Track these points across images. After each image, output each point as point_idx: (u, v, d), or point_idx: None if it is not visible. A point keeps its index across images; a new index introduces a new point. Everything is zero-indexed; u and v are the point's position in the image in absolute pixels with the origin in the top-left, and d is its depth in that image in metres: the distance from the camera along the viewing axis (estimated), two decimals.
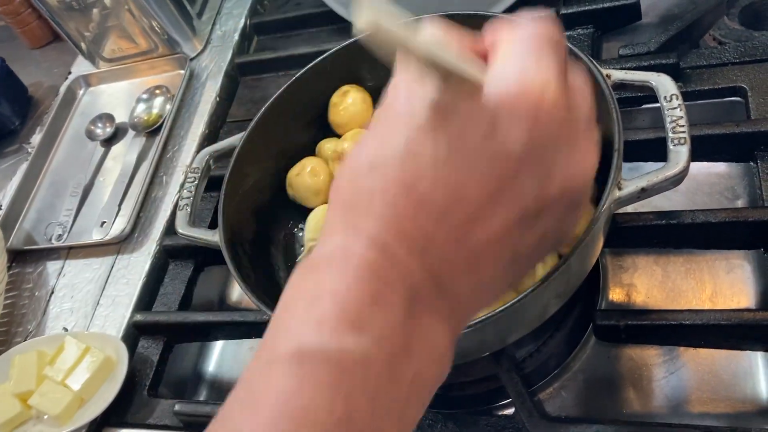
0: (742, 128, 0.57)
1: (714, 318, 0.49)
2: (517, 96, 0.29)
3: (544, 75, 0.29)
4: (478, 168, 0.29)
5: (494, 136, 0.29)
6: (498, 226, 0.30)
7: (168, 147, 0.84)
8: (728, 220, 0.53)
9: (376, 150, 0.31)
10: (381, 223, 0.29)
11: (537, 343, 0.58)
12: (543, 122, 0.29)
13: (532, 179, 0.30)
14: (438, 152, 0.29)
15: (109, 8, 0.88)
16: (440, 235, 0.30)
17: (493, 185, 0.30)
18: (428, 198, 0.29)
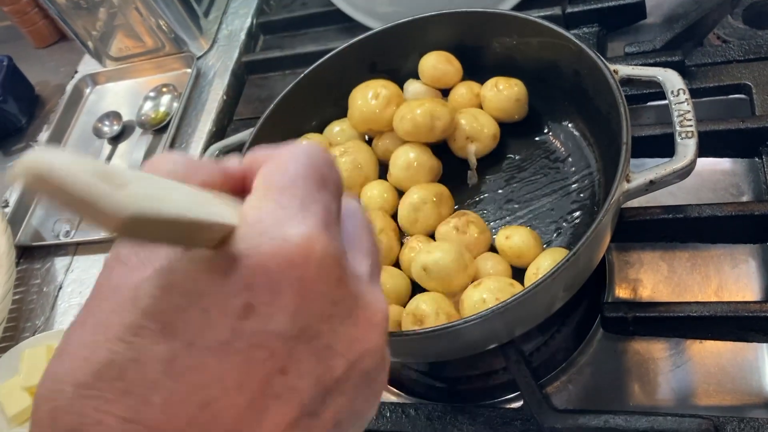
0: (747, 124, 0.58)
1: (721, 310, 0.50)
2: (275, 257, 0.22)
3: (309, 225, 0.23)
4: (232, 365, 0.22)
5: (248, 315, 0.22)
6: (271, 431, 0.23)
7: (175, 144, 0.84)
8: (734, 213, 0.54)
9: (85, 359, 0.21)
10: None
11: (544, 338, 0.58)
12: (311, 289, 0.22)
13: (307, 363, 0.23)
14: (173, 353, 0.21)
15: (116, 7, 0.89)
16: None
17: (256, 385, 0.22)
18: (164, 425, 0.21)
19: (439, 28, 0.65)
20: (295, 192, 0.23)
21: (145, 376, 0.21)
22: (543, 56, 0.61)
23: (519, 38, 0.61)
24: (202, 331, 0.21)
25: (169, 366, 0.21)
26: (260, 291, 0.22)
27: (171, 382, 0.21)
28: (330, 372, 0.24)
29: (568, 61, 0.58)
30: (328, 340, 0.23)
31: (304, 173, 0.24)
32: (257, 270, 0.22)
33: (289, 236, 0.22)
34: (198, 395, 0.21)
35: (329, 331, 0.23)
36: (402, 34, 0.65)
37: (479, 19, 0.63)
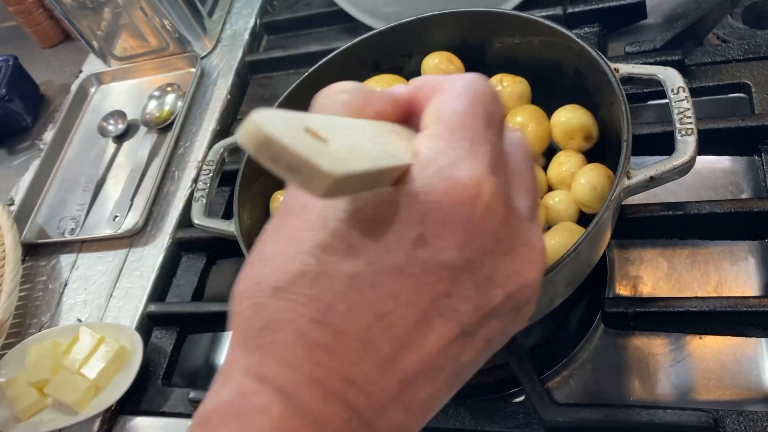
0: (746, 122, 0.58)
1: (720, 305, 0.50)
2: (446, 195, 0.24)
3: (478, 168, 0.25)
4: (405, 286, 0.24)
5: (421, 245, 0.24)
6: (433, 348, 0.25)
7: (180, 143, 0.85)
8: (734, 210, 0.54)
9: (280, 267, 0.25)
10: (288, 364, 0.24)
11: (545, 334, 0.59)
12: (478, 226, 0.25)
13: (469, 290, 0.26)
14: (356, 271, 0.24)
15: (121, 7, 0.90)
16: (363, 370, 0.24)
17: (424, 304, 0.25)
18: (346, 328, 0.24)
19: (441, 28, 0.65)
20: (465, 132, 0.26)
21: (331, 287, 0.24)
22: (544, 55, 0.61)
23: (521, 37, 0.62)
24: (381, 255, 0.24)
25: (353, 281, 0.24)
26: (433, 225, 0.24)
27: (353, 294, 0.24)
28: (488, 300, 0.26)
29: (569, 60, 0.59)
30: (489, 272, 0.26)
31: (473, 111, 0.26)
32: (431, 206, 0.24)
33: (461, 177, 0.25)
34: (375, 307, 0.24)
35: (491, 265, 0.26)
36: (404, 34, 0.66)
37: (481, 19, 0.63)
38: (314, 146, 0.21)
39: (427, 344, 0.25)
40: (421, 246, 0.25)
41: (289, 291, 0.24)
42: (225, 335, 0.74)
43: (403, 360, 0.25)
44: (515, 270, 0.27)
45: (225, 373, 0.26)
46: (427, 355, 0.25)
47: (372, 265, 0.24)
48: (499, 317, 0.27)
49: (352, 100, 0.27)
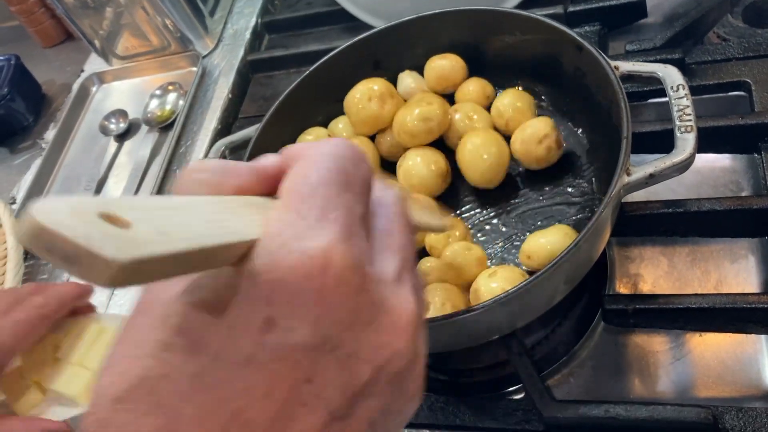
0: (746, 120, 0.59)
1: (720, 301, 0.50)
2: (293, 271, 0.22)
3: (328, 236, 0.23)
4: (259, 377, 0.22)
5: (271, 329, 0.22)
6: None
7: (181, 142, 0.85)
8: (733, 208, 0.54)
9: (122, 374, 0.22)
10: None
11: (546, 331, 0.59)
12: (331, 299, 0.23)
13: (332, 371, 0.23)
14: (202, 367, 0.22)
15: (123, 6, 0.90)
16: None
17: (282, 394, 0.23)
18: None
19: (441, 26, 0.65)
20: (315, 200, 0.24)
21: (176, 390, 0.22)
22: (545, 53, 0.61)
23: (521, 36, 0.62)
24: (226, 347, 0.22)
25: (198, 380, 0.22)
26: (280, 305, 0.22)
27: (201, 395, 0.22)
28: (356, 378, 0.24)
29: (569, 58, 0.59)
30: (351, 348, 0.24)
31: (328, 178, 0.24)
32: (277, 284, 0.22)
33: (307, 249, 0.23)
34: (228, 406, 0.22)
35: (351, 340, 0.24)
36: (404, 33, 0.66)
37: (482, 17, 0.64)
38: (100, 232, 0.18)
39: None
40: (269, 330, 0.22)
41: (129, 401, 0.22)
42: None
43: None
44: (380, 341, 0.24)
45: None
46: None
47: (218, 360, 0.22)
48: (375, 395, 0.25)
49: (209, 179, 0.25)
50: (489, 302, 0.46)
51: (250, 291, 0.23)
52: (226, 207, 0.24)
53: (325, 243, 0.23)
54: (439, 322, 0.47)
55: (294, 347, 0.23)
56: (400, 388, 0.26)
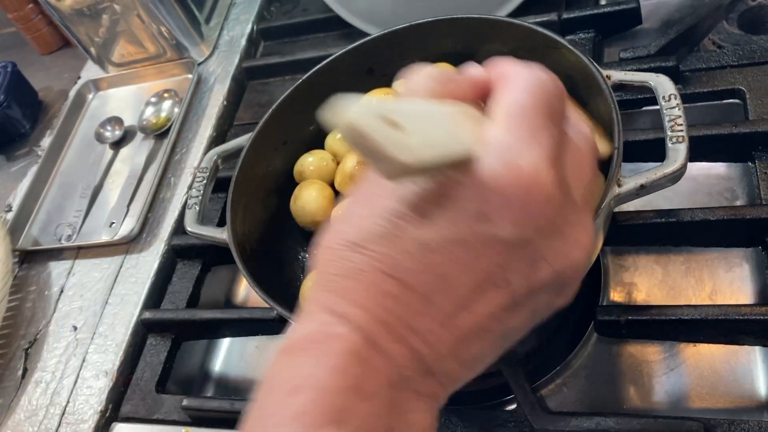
0: (740, 129, 0.58)
1: (712, 313, 0.50)
2: (508, 180, 0.28)
3: (538, 157, 0.28)
4: (466, 255, 0.28)
5: (484, 221, 0.28)
6: (485, 311, 0.29)
7: (176, 149, 0.85)
8: (726, 218, 0.54)
9: (361, 227, 0.29)
10: (362, 307, 0.28)
11: (540, 340, 0.59)
12: (534, 209, 0.28)
13: (522, 265, 0.29)
14: (425, 237, 0.28)
15: (118, 14, 0.90)
16: (425, 321, 0.29)
17: (481, 273, 0.29)
18: (413, 283, 0.28)
19: (435, 35, 0.65)
20: (528, 125, 0.29)
21: (402, 248, 0.28)
22: (538, 61, 0.61)
23: (514, 44, 0.62)
24: (447, 226, 0.28)
25: (421, 245, 0.28)
26: (495, 205, 0.28)
27: (420, 256, 0.28)
28: (538, 275, 0.30)
29: (562, 67, 0.58)
30: (541, 251, 0.29)
31: (537, 106, 0.29)
32: (495, 189, 0.28)
33: (522, 165, 0.28)
34: (439, 269, 0.28)
35: (543, 245, 0.29)
36: (398, 40, 0.66)
37: (475, 25, 0.63)
38: (392, 136, 0.24)
39: (481, 307, 0.29)
40: (483, 222, 0.28)
41: (366, 247, 0.29)
42: (219, 343, 0.74)
43: (460, 318, 0.29)
44: (564, 251, 0.30)
45: (307, 311, 0.30)
46: (480, 317, 0.29)
47: (439, 234, 0.28)
48: (545, 292, 0.31)
49: (436, 87, 0.31)
50: None
51: (473, 190, 0.28)
52: (454, 119, 0.29)
53: (537, 163, 0.28)
54: None
55: (498, 238, 0.28)
56: (562, 291, 0.32)
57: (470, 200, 0.28)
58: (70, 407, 0.68)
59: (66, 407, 0.68)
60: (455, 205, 0.28)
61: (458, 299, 0.29)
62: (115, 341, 0.70)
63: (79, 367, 0.70)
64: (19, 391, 0.71)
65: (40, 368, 0.72)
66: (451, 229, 0.28)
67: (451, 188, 0.29)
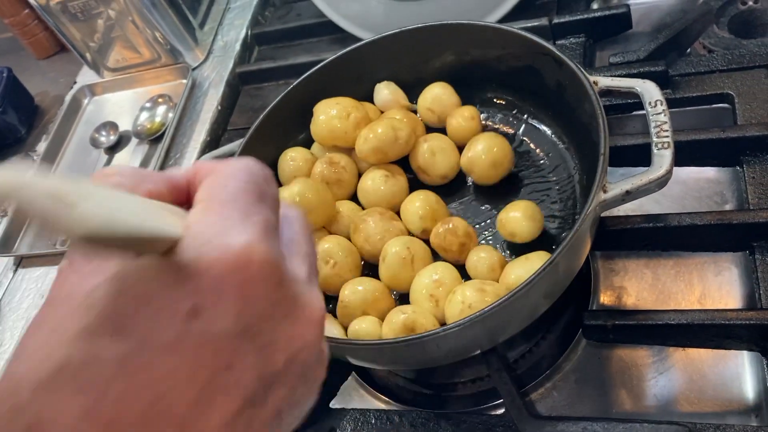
0: (727, 133, 0.58)
1: (698, 318, 0.50)
2: (219, 263, 0.24)
3: (249, 235, 0.25)
4: (182, 362, 0.23)
5: (195, 317, 0.23)
6: (217, 425, 0.24)
7: (170, 154, 0.86)
8: (713, 222, 0.54)
9: (42, 360, 0.22)
10: None
11: (529, 345, 0.59)
12: (253, 291, 0.24)
13: (250, 358, 0.25)
14: (127, 352, 0.23)
15: (113, 19, 0.91)
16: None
17: (202, 381, 0.24)
18: (118, 418, 0.22)
19: (425, 40, 0.66)
20: (235, 205, 0.26)
21: (99, 375, 0.22)
22: (527, 67, 0.61)
23: (503, 50, 0.62)
24: (152, 332, 0.23)
25: (123, 364, 0.22)
26: (205, 295, 0.24)
27: (124, 379, 0.22)
28: (271, 366, 0.26)
29: (551, 72, 0.59)
30: (269, 337, 0.25)
31: (245, 188, 0.26)
32: (203, 276, 0.24)
33: (232, 244, 0.24)
34: (150, 390, 0.23)
35: (270, 330, 0.25)
36: (388, 46, 0.66)
37: (464, 32, 0.64)
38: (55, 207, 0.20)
39: (211, 422, 0.24)
40: (194, 318, 0.23)
41: (50, 387, 0.22)
42: None
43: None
44: (295, 332, 0.26)
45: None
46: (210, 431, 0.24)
47: (143, 345, 0.23)
48: (285, 385, 0.26)
49: (124, 182, 0.27)
50: (466, 320, 0.46)
51: (177, 281, 0.24)
52: (151, 206, 0.26)
53: (247, 240, 0.24)
54: (417, 340, 0.47)
55: (217, 335, 0.24)
56: (306, 379, 0.28)
57: (175, 294, 0.23)
58: None
59: None
60: (159, 305, 0.23)
61: (181, 421, 0.23)
62: None
63: None
64: None
65: None
66: (157, 335, 0.23)
67: (151, 285, 0.24)
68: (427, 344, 0.48)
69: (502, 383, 0.52)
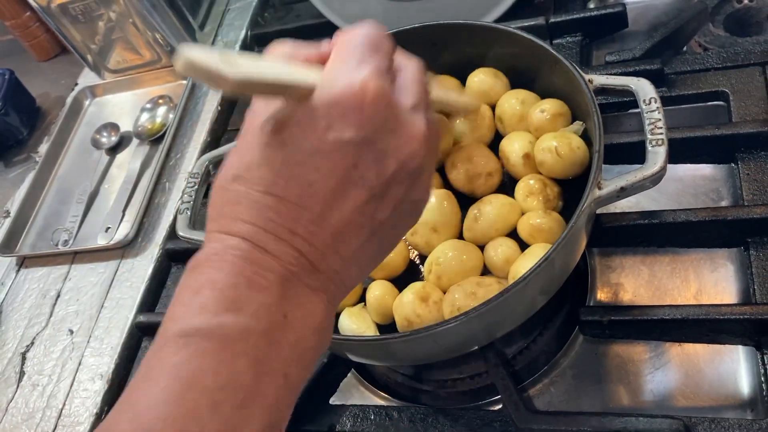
0: (722, 131, 0.59)
1: (693, 313, 0.51)
2: (342, 95, 0.34)
3: (364, 73, 0.34)
4: (323, 162, 0.34)
5: (329, 130, 0.34)
6: (351, 207, 0.35)
7: (171, 155, 0.86)
8: (708, 218, 0.55)
9: (238, 163, 0.35)
10: (249, 222, 0.34)
11: (527, 341, 0.60)
12: (368, 113, 0.34)
13: (370, 160, 0.35)
14: (288, 154, 0.34)
15: (113, 21, 0.91)
16: (302, 224, 0.34)
17: (338, 174, 0.34)
18: (287, 195, 0.34)
19: (422, 40, 0.66)
20: (354, 55, 0.35)
21: (273, 169, 0.34)
22: (523, 66, 0.62)
23: (499, 49, 0.63)
24: (303, 142, 0.34)
25: (286, 162, 0.34)
26: (336, 115, 0.34)
27: (288, 171, 0.34)
28: (386, 168, 0.35)
29: (547, 71, 0.60)
30: (382, 146, 0.35)
31: (361, 42, 0.36)
32: (332, 103, 0.34)
33: (351, 80, 0.34)
34: (305, 178, 0.34)
35: (381, 139, 0.35)
36: None
37: (461, 31, 0.64)
38: (222, 63, 0.30)
39: (346, 204, 0.35)
40: (329, 131, 0.34)
41: (244, 177, 0.35)
42: None
43: (331, 217, 0.35)
44: (402, 144, 0.36)
45: (206, 238, 0.35)
46: (347, 212, 0.35)
47: (298, 150, 0.34)
48: (398, 183, 0.36)
49: (288, 51, 0.37)
50: (462, 316, 0.47)
51: (316, 109, 0.34)
52: (297, 67, 0.36)
53: (363, 76, 0.34)
54: (414, 336, 0.48)
55: (345, 142, 0.34)
56: (415, 182, 0.37)
57: (316, 117, 0.34)
58: (66, 410, 0.69)
59: (62, 410, 0.69)
60: (306, 125, 0.34)
61: (325, 201, 0.34)
62: (111, 344, 0.71)
63: (75, 370, 0.71)
64: (16, 394, 0.72)
65: (36, 371, 0.73)
66: (305, 143, 0.34)
67: (301, 114, 0.34)
68: (424, 340, 0.48)
69: (500, 379, 0.53)
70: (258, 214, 0.34)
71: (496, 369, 0.54)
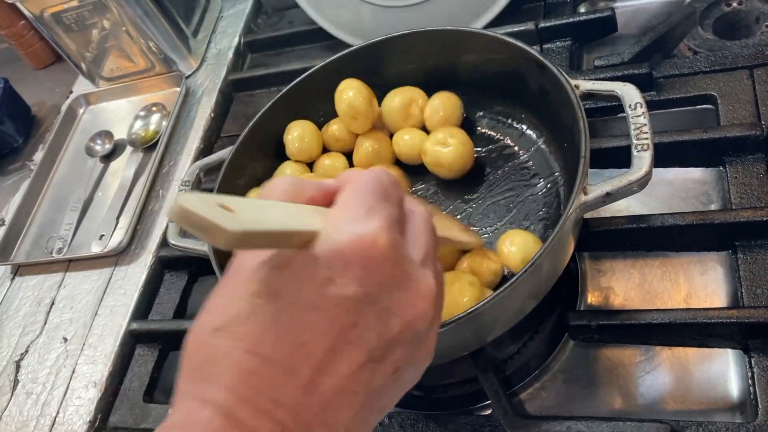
0: (710, 134, 0.59)
1: (681, 317, 0.51)
2: (349, 246, 0.31)
3: (374, 225, 0.32)
4: (320, 318, 0.30)
5: (329, 284, 0.31)
6: (345, 372, 0.31)
7: (164, 162, 0.86)
8: (696, 222, 0.55)
9: (221, 311, 0.31)
10: (226, 388, 0.29)
11: (517, 345, 0.60)
12: (374, 266, 0.31)
13: (372, 319, 0.31)
14: (280, 309, 0.30)
15: (107, 29, 0.92)
16: (288, 391, 0.30)
17: (335, 334, 0.30)
18: (273, 356, 0.29)
19: (411, 46, 0.66)
20: (363, 204, 0.33)
21: (260, 324, 0.30)
22: (511, 72, 0.62)
23: (488, 55, 0.63)
24: (298, 295, 0.30)
25: (277, 318, 0.30)
26: (338, 268, 0.31)
27: (277, 328, 0.30)
28: (389, 328, 0.32)
29: (534, 77, 0.60)
30: (386, 304, 0.32)
31: (372, 190, 0.34)
32: (336, 254, 0.31)
33: (357, 231, 0.32)
34: (297, 337, 0.30)
35: (387, 297, 0.32)
36: (376, 52, 0.67)
37: (450, 37, 0.64)
38: (221, 214, 0.27)
39: (340, 369, 0.30)
40: (329, 285, 0.31)
41: (226, 330, 0.30)
42: None
43: (322, 384, 0.30)
44: (408, 302, 0.33)
45: (175, 402, 0.31)
46: (341, 378, 0.30)
47: (292, 304, 0.30)
48: (402, 345, 0.32)
49: (289, 189, 0.34)
50: (451, 321, 0.47)
51: (317, 259, 0.31)
52: (302, 210, 0.33)
53: (373, 228, 0.32)
54: None
55: (346, 298, 0.31)
56: (420, 344, 0.34)
57: (316, 268, 0.31)
58: (60, 418, 0.69)
59: (56, 418, 0.69)
60: (304, 276, 0.31)
61: (317, 364, 0.30)
62: (104, 352, 0.72)
63: (69, 378, 0.72)
64: (10, 402, 0.72)
65: (30, 379, 0.74)
66: (302, 297, 0.30)
67: (300, 262, 0.31)
68: None
69: (489, 384, 0.53)
70: (239, 379, 0.29)
71: (485, 374, 0.54)
